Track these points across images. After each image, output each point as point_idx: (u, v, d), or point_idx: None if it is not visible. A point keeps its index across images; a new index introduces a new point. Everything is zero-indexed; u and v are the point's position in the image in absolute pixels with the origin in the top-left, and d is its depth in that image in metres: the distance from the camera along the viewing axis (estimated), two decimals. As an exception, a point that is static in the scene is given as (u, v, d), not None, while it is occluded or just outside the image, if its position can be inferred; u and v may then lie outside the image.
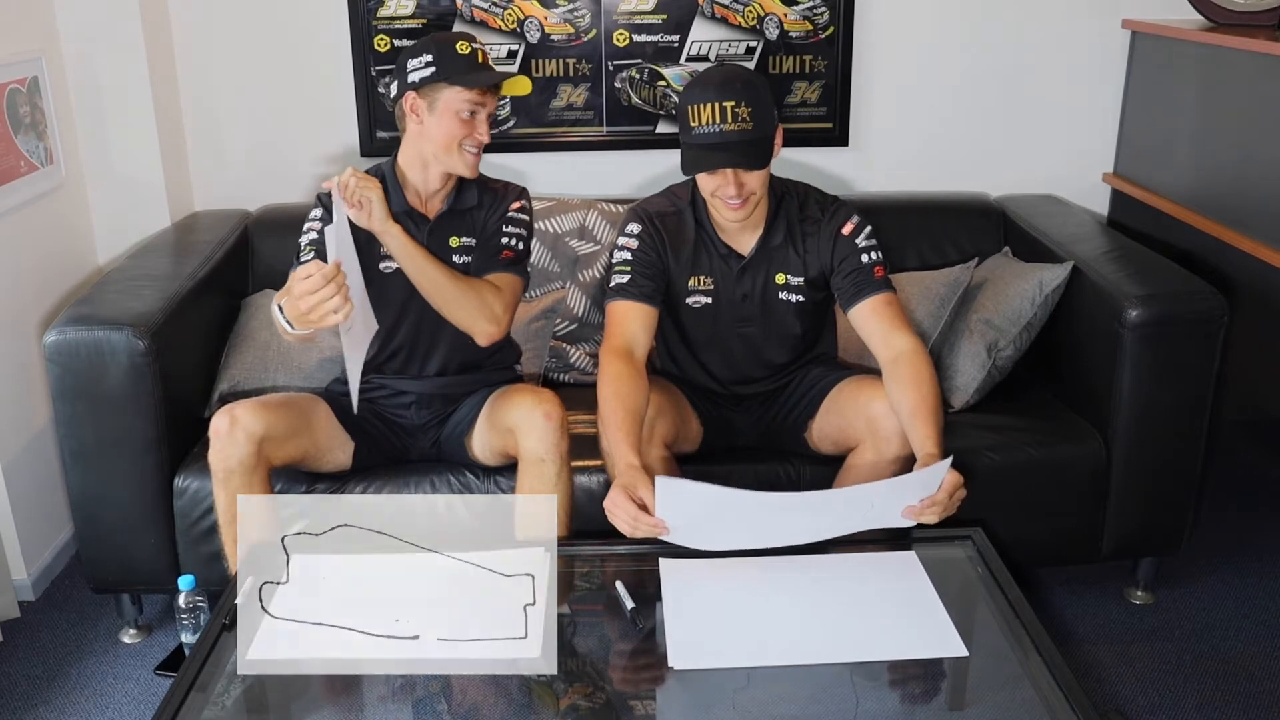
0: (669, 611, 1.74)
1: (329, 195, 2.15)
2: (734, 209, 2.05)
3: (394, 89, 2.16)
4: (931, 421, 1.92)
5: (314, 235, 2.14)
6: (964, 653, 1.65)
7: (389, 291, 2.20)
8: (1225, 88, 2.59)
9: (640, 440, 1.98)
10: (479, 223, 2.23)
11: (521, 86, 2.24)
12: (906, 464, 2.04)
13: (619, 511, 1.82)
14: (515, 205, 2.25)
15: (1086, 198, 3.05)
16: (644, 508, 1.81)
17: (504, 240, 2.21)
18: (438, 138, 2.12)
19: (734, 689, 1.64)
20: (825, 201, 2.19)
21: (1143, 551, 2.49)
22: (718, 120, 1.97)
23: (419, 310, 2.22)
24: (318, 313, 1.79)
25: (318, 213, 2.18)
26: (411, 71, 2.11)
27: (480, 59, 2.12)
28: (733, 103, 1.97)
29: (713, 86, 2.00)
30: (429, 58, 2.09)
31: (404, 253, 2.09)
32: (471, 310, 2.11)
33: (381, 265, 2.19)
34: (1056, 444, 2.37)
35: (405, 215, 2.17)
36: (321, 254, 2.07)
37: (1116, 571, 2.55)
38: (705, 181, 2.06)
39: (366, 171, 2.20)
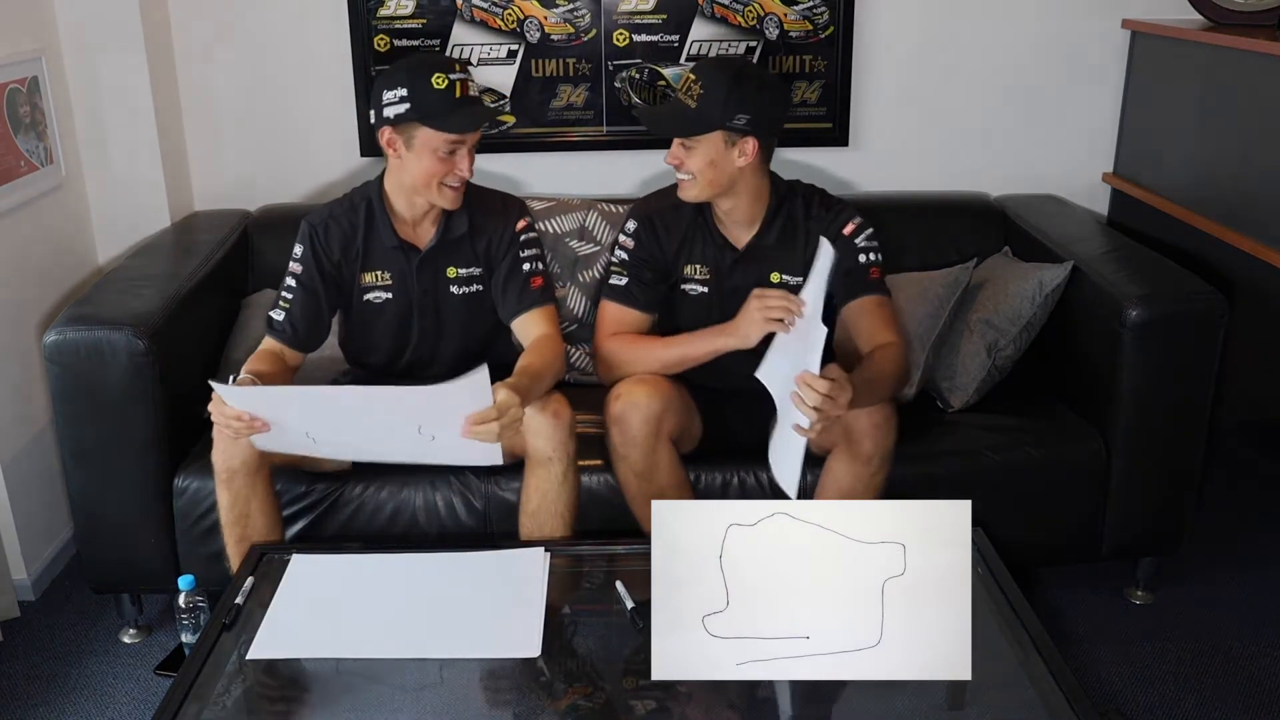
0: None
1: (307, 232, 2.16)
2: (681, 184, 2.13)
3: (371, 115, 2.07)
4: (861, 371, 1.97)
5: (292, 283, 2.15)
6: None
7: (380, 322, 2.22)
8: (1225, 88, 2.59)
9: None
10: (481, 251, 2.19)
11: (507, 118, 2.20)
12: (882, 464, 2.07)
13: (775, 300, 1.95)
14: (520, 225, 2.20)
15: (1086, 198, 3.05)
16: None
17: (526, 268, 2.18)
18: (416, 174, 2.06)
19: (731, 688, 1.64)
20: (830, 203, 2.23)
21: (1143, 551, 2.49)
22: (678, 87, 2.10)
23: (419, 333, 2.23)
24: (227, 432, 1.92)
25: (299, 251, 2.16)
26: (386, 105, 2.01)
27: (459, 92, 2.00)
28: (693, 78, 2.06)
29: (703, 60, 2.18)
30: (403, 91, 1.99)
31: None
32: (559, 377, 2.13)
33: (369, 296, 2.19)
34: (1056, 444, 2.37)
35: (396, 249, 2.16)
36: (294, 322, 2.13)
37: (1116, 571, 2.55)
38: None
39: (354, 191, 2.21)
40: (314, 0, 2.84)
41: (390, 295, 2.20)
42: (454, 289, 2.20)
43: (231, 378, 1.90)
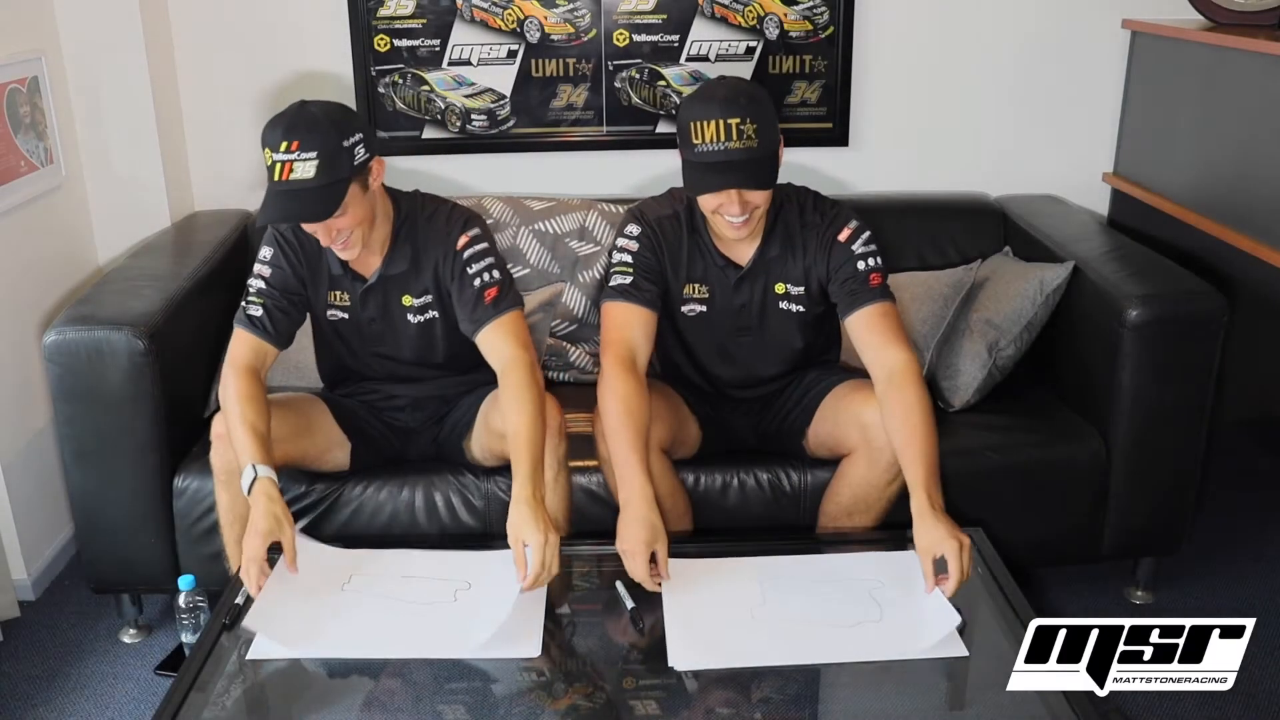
0: (669, 611, 1.74)
1: (274, 235, 2.10)
2: (736, 228, 2.01)
3: None
4: (921, 462, 1.85)
5: (262, 285, 2.08)
6: (964, 653, 1.65)
7: (341, 339, 2.20)
8: (1225, 88, 2.59)
9: (648, 461, 1.95)
10: (428, 278, 2.12)
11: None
12: (899, 475, 2.00)
13: (635, 565, 1.81)
14: (461, 243, 2.09)
15: (1086, 198, 3.04)
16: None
17: (476, 284, 2.07)
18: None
19: (734, 689, 1.64)
20: (824, 207, 2.13)
21: (1143, 551, 2.49)
22: (722, 138, 1.91)
23: (374, 356, 2.22)
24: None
25: (267, 253, 2.10)
26: None
27: (281, 174, 1.84)
28: (738, 120, 1.90)
29: (716, 103, 1.92)
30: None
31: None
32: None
33: (330, 313, 2.17)
34: (1056, 444, 2.37)
35: (344, 277, 2.11)
36: (270, 315, 2.06)
37: (1116, 571, 2.55)
38: (707, 200, 2.00)
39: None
40: (314, 1, 2.84)
41: (346, 316, 2.17)
42: (410, 317, 2.15)
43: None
